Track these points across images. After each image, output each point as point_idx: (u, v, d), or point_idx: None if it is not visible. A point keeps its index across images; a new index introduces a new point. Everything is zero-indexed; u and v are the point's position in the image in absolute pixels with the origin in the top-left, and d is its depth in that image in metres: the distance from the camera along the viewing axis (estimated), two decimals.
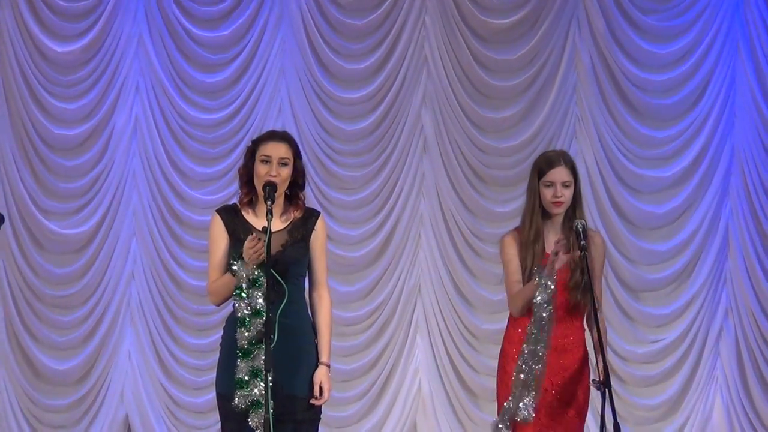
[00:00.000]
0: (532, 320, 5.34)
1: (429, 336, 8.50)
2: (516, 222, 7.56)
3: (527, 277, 5.50)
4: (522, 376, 5.36)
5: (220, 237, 5.31)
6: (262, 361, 5.04)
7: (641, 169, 8.51)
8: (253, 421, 5.09)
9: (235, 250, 5.20)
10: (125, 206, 8.49)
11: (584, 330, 5.58)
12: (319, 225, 5.41)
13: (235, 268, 5.13)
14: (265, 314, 5.04)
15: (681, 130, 8.53)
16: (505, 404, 5.35)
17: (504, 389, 5.53)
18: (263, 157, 5.26)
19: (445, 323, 8.50)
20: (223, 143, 8.54)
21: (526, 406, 5.34)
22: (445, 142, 8.49)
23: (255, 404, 5.09)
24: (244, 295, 5.13)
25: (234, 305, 5.14)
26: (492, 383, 7.32)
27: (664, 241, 8.53)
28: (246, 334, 5.11)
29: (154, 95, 8.51)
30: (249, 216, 5.34)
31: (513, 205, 8.41)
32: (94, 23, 8.50)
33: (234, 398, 5.11)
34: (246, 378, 5.10)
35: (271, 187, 5.19)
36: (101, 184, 8.48)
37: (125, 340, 8.49)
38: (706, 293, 8.49)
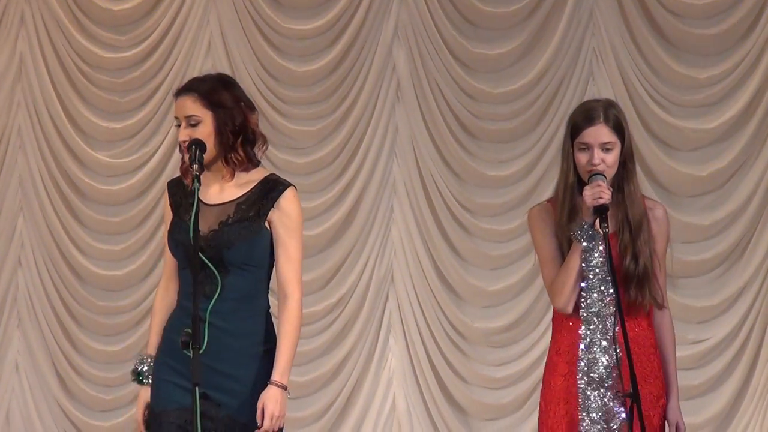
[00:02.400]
0: (584, 298, 5.09)
1: (405, 337, 8.26)
2: (516, 189, 8.28)
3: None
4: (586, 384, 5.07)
5: (166, 215, 5.21)
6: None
7: (677, 120, 8.18)
8: None
9: (170, 229, 5.12)
10: (8, 173, 8.30)
11: (654, 333, 5.31)
12: (285, 200, 5.11)
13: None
14: (191, 317, 4.77)
15: (729, 68, 8.17)
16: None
17: (549, 415, 5.25)
18: (175, 121, 5.12)
19: (426, 321, 8.23)
20: (134, 91, 8.31)
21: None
22: (423, 87, 8.24)
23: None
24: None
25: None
26: (486, 397, 8.18)
27: (707, 212, 8.21)
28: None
29: (44, 28, 8.30)
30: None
31: (512, 167, 8.23)
32: None
33: (171, 417, 5.00)
34: None
35: (196, 146, 4.95)
36: None
37: (11, 347, 8.30)
38: (764, 279, 8.09)
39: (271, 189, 5.15)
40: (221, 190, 5.12)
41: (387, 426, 8.17)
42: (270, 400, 4.95)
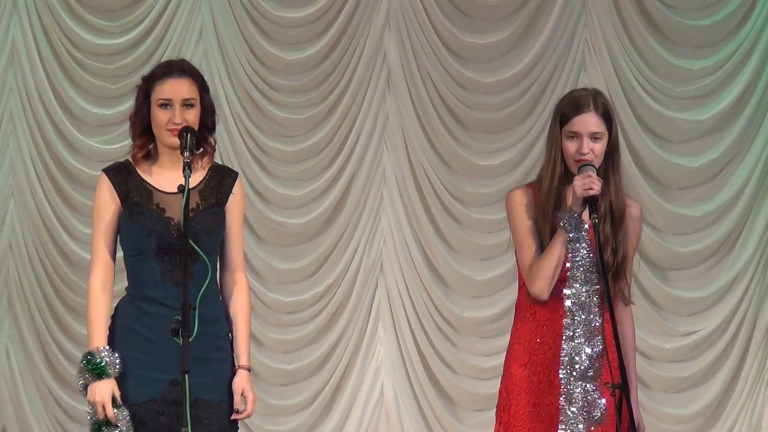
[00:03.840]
0: (568, 289, 5.09)
1: (394, 326, 8.29)
2: (506, 179, 8.28)
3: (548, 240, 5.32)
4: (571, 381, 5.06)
5: (105, 203, 5.19)
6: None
7: (670, 111, 8.25)
8: None
9: (130, 218, 5.10)
10: None
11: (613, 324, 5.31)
12: (238, 189, 5.26)
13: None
14: (181, 302, 4.79)
15: (722, 59, 8.26)
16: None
17: (509, 404, 5.27)
18: (162, 101, 5.08)
19: (415, 310, 8.27)
20: (126, 77, 8.21)
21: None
22: (414, 76, 8.25)
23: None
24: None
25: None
26: (474, 387, 8.23)
27: (699, 204, 8.30)
28: None
29: (36, 14, 8.25)
30: (146, 174, 5.15)
31: (502, 156, 8.28)
32: None
33: (147, 410, 5.03)
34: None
35: (189, 133, 4.98)
36: None
37: (1, 331, 8.26)
38: (754, 271, 8.20)
39: (224, 176, 5.22)
40: (172, 178, 5.13)
41: (375, 415, 8.24)
42: (247, 384, 5.05)
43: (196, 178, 5.17)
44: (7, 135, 8.23)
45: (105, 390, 4.95)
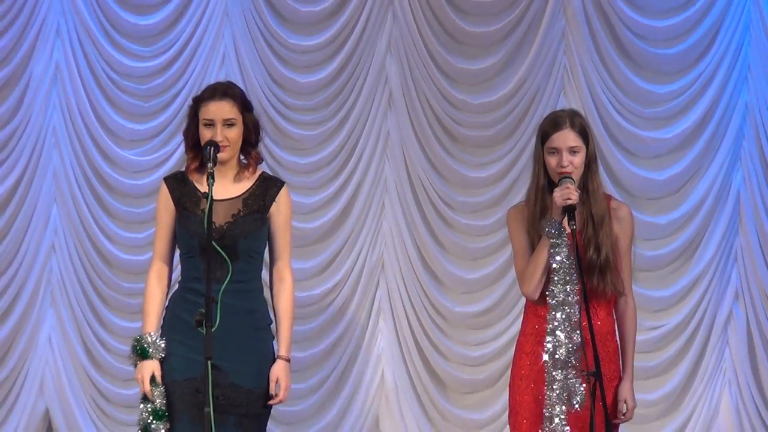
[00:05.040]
0: (552, 288, 5.35)
1: (393, 319, 8.42)
2: (493, 190, 8.42)
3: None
4: (553, 363, 5.32)
5: (164, 208, 5.46)
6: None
7: (639, 130, 8.33)
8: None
9: (180, 222, 5.38)
10: (44, 168, 8.39)
11: (614, 320, 5.59)
12: (283, 196, 5.50)
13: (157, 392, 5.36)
14: (205, 294, 5.06)
15: (686, 84, 8.34)
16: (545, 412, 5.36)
17: (515, 390, 5.54)
18: (206, 121, 5.34)
19: (412, 305, 8.40)
20: (157, 96, 8.42)
21: (561, 421, 5.33)
22: (412, 97, 8.37)
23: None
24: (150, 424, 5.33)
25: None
26: (465, 374, 8.35)
27: (664, 213, 8.40)
28: None
29: (77, 39, 8.39)
30: (198, 183, 5.42)
31: (490, 169, 8.38)
32: None
33: (183, 386, 5.31)
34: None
35: (213, 147, 5.25)
36: (16, 142, 8.37)
37: (45, 322, 8.40)
38: (713, 273, 8.31)
39: (269, 186, 5.49)
40: (224, 187, 5.39)
41: (376, 398, 8.39)
42: (282, 372, 5.38)
43: (243, 186, 5.45)
44: (50, 148, 8.37)
45: (146, 369, 5.30)
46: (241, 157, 5.50)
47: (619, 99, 8.32)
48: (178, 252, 5.57)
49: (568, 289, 5.34)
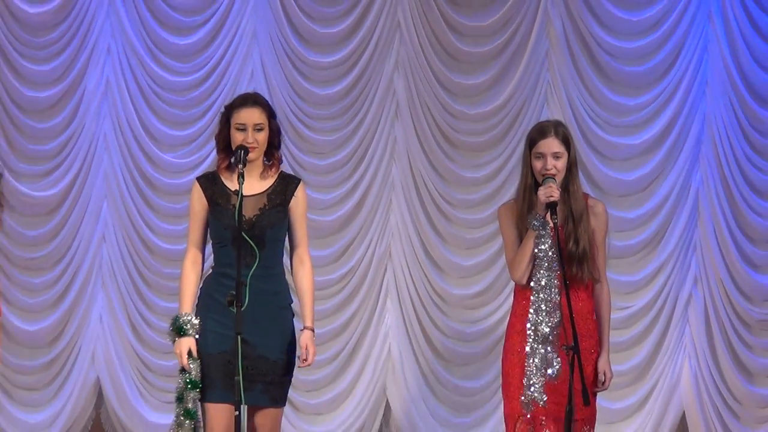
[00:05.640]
0: (536, 273, 5.35)
1: (399, 300, 8.56)
2: (487, 188, 8.45)
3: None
4: (535, 337, 5.35)
5: (197, 203, 5.43)
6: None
7: (612, 137, 8.53)
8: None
9: (213, 215, 5.35)
10: (96, 169, 8.49)
11: (591, 302, 5.60)
12: (300, 192, 5.49)
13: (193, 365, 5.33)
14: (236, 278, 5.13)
15: (652, 97, 8.55)
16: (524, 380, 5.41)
17: (507, 362, 5.55)
18: (238, 125, 5.32)
19: (415, 288, 8.55)
20: (194, 107, 8.55)
21: (538, 389, 5.36)
22: (417, 108, 8.52)
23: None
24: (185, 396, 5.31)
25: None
26: (461, 348, 8.38)
27: (633, 208, 8.57)
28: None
29: (125, 57, 8.51)
30: (227, 181, 5.41)
31: (483, 170, 8.55)
32: None
33: (216, 359, 5.30)
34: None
35: (243, 151, 5.27)
36: (72, 147, 8.47)
37: (96, 302, 8.51)
38: (675, 261, 8.50)
39: (289, 183, 5.51)
40: (251, 184, 5.40)
41: (384, 368, 8.50)
42: (310, 341, 5.44)
43: (266, 183, 5.47)
44: (101, 151, 8.45)
45: (183, 345, 5.32)
46: (264, 158, 5.47)
47: (594, 110, 8.43)
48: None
49: (550, 275, 5.35)
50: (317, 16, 8.49)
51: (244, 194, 5.28)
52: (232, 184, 5.38)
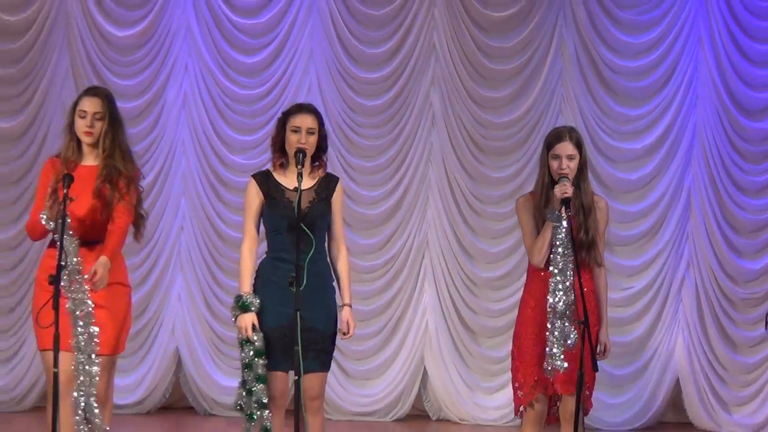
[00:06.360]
0: (553, 258, 5.45)
1: (435, 282, 9.02)
2: (510, 186, 8.91)
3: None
4: (556, 314, 5.43)
5: (253, 198, 5.61)
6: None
7: (616, 142, 9.02)
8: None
9: (270, 207, 5.55)
10: (175, 170, 8.99)
11: (593, 283, 5.78)
12: (338, 188, 5.71)
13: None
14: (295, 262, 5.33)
15: (651, 108, 9.04)
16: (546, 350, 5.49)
17: (521, 332, 5.68)
18: (293, 128, 5.52)
19: (449, 272, 9.04)
20: (259, 116, 9.06)
21: (559, 357, 5.43)
22: (450, 118, 8.99)
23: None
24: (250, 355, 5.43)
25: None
26: (488, 322, 8.87)
27: (635, 203, 9.02)
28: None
29: (200, 74, 9.00)
30: (280, 178, 5.63)
31: (507, 171, 9.06)
32: (149, 11, 9.06)
33: (276, 332, 5.45)
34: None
35: (302, 154, 5.51)
36: (154, 151, 8.95)
37: (175, 284, 9.01)
38: (671, 248, 8.96)
39: (330, 180, 5.69)
40: (303, 181, 5.52)
41: (422, 341, 8.97)
42: (350, 316, 5.62)
43: (313, 180, 5.63)
44: (180, 154, 8.96)
45: (248, 319, 5.46)
46: (311, 161, 5.59)
47: (601, 119, 8.95)
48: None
49: (565, 260, 5.51)
50: (364, 39, 9.02)
51: (293, 189, 5.48)
52: (284, 180, 5.56)
